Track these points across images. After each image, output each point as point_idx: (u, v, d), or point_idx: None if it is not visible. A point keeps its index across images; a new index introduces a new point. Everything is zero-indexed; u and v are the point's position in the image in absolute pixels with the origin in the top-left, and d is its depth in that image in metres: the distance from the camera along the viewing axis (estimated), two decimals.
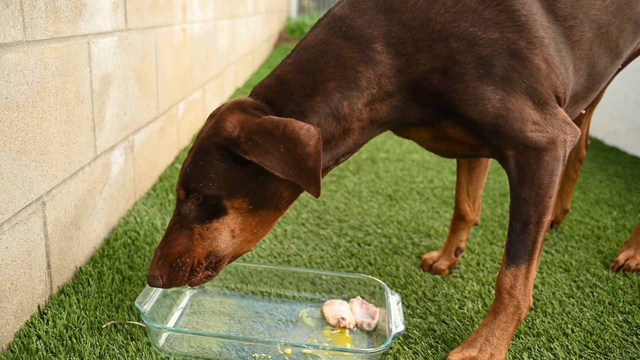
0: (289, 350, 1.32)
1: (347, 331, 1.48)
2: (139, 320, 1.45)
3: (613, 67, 1.47)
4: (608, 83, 1.69)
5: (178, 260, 1.25)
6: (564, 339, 1.49)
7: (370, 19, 1.23)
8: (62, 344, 1.32)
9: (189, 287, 1.46)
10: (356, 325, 1.50)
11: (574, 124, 1.31)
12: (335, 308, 1.51)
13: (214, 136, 1.20)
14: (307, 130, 1.12)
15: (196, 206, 1.24)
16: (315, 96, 1.23)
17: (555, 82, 1.27)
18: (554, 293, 1.73)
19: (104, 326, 1.40)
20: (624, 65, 1.68)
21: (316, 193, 1.11)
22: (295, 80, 1.24)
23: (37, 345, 1.30)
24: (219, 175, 1.20)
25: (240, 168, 1.20)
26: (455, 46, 1.20)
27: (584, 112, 1.58)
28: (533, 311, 1.62)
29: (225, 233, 1.26)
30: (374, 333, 1.49)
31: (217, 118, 1.23)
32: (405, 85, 1.25)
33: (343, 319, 1.48)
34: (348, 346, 1.42)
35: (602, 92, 2.01)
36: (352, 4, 1.27)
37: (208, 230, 1.25)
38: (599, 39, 1.37)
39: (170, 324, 1.48)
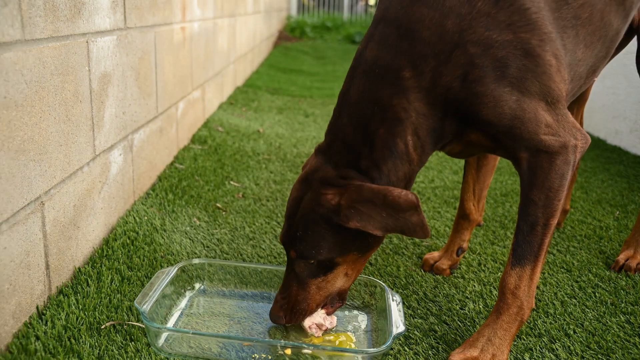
0: (289, 351, 1.32)
1: (351, 333, 1.47)
2: (138, 320, 1.44)
3: (623, 29, 1.53)
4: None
5: (298, 307, 1.40)
6: (565, 339, 1.48)
7: (395, 50, 1.28)
8: (61, 345, 1.31)
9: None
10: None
11: (584, 130, 1.35)
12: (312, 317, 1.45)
13: (318, 208, 1.30)
14: (405, 197, 1.23)
15: (310, 266, 1.36)
16: (376, 147, 1.30)
17: (564, 75, 1.30)
18: (555, 293, 1.72)
19: (103, 327, 1.39)
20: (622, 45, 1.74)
21: (424, 236, 1.24)
22: (357, 139, 1.31)
23: (35, 346, 1.29)
24: (328, 242, 1.31)
25: (345, 231, 1.29)
26: (474, 51, 1.23)
27: (597, 77, 1.64)
28: (535, 312, 1.61)
29: (339, 278, 1.40)
30: (374, 333, 1.48)
31: (315, 192, 1.33)
32: (434, 103, 1.28)
33: (320, 325, 1.45)
34: (351, 347, 1.41)
35: (588, 89, 2.05)
36: (379, 44, 1.31)
37: (323, 282, 1.38)
38: (608, 7, 1.42)
39: (170, 324, 1.47)
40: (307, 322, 1.44)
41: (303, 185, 1.37)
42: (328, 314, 1.45)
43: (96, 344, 1.33)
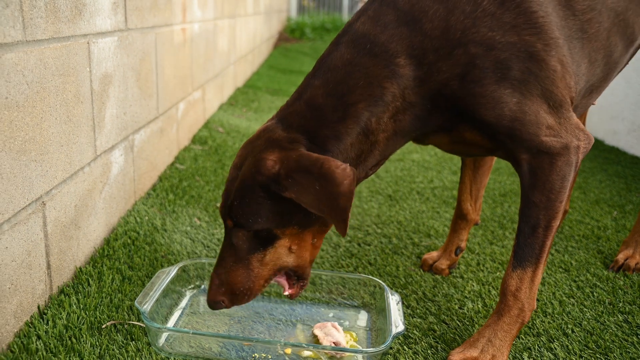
0: (289, 350, 1.32)
1: (354, 334, 1.48)
2: (139, 320, 1.44)
3: (627, 54, 1.49)
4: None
5: (241, 288, 1.29)
6: (564, 339, 1.49)
7: (392, 32, 1.25)
8: (62, 344, 1.32)
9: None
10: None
11: (587, 131, 1.32)
12: (328, 331, 1.44)
13: (257, 174, 1.22)
14: (342, 170, 1.14)
15: (248, 238, 1.27)
16: (347, 119, 1.24)
17: (569, 82, 1.28)
18: (554, 293, 1.73)
19: (103, 326, 1.40)
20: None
21: (343, 231, 1.14)
22: (327, 105, 1.25)
23: (37, 345, 1.30)
24: (266, 211, 1.23)
25: (285, 202, 1.21)
26: (475, 51, 1.21)
27: (594, 103, 1.60)
28: (533, 311, 1.62)
29: (284, 254, 1.30)
30: (374, 333, 1.49)
31: (256, 156, 1.24)
32: (427, 94, 1.26)
33: (336, 343, 1.40)
34: (354, 346, 1.42)
35: None
36: (373, 20, 1.27)
37: (265, 257, 1.29)
38: (616, 27, 1.39)
39: (170, 324, 1.48)
40: (325, 339, 1.40)
41: (247, 149, 1.28)
42: (292, 296, 1.37)
43: (97, 343, 1.34)
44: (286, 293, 1.38)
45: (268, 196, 1.21)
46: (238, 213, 1.24)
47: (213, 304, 1.31)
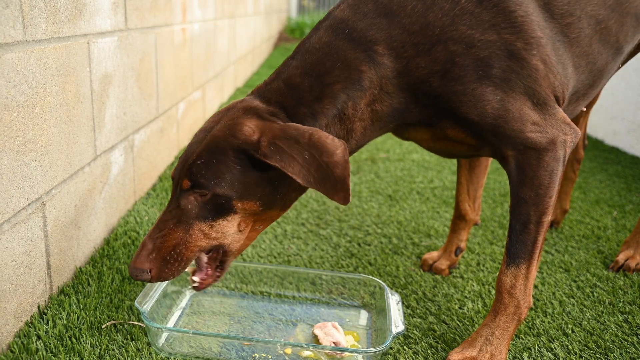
0: (289, 350, 1.32)
1: (356, 333, 1.48)
2: (139, 320, 1.45)
3: (614, 62, 1.48)
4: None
5: (172, 252, 1.21)
6: (564, 339, 1.49)
7: (371, 21, 1.25)
8: (62, 344, 1.32)
9: (193, 290, 1.47)
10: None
11: (574, 124, 1.32)
12: (329, 331, 1.44)
13: (231, 138, 1.20)
14: (332, 140, 1.16)
15: (201, 202, 1.21)
16: (323, 99, 1.26)
17: (554, 82, 1.28)
18: (554, 293, 1.73)
19: (103, 326, 1.40)
20: (624, 62, 1.68)
21: (344, 200, 1.13)
22: (305, 84, 1.27)
23: (37, 345, 1.30)
24: (233, 177, 1.19)
25: (256, 172, 1.20)
26: (454, 49, 1.22)
27: (584, 109, 1.58)
28: (533, 311, 1.62)
29: (231, 231, 1.25)
30: (374, 332, 1.49)
31: (232, 121, 1.23)
32: (406, 87, 1.27)
33: (336, 343, 1.40)
34: (356, 346, 1.42)
35: (599, 91, 2.01)
36: (352, 7, 1.28)
37: (212, 228, 1.23)
38: (598, 35, 1.38)
39: (170, 324, 1.48)
40: (325, 339, 1.40)
41: (220, 116, 1.27)
42: (201, 286, 1.28)
43: (97, 343, 1.34)
44: (195, 279, 1.29)
45: (239, 162, 1.19)
46: (200, 172, 1.19)
47: (136, 272, 1.18)
